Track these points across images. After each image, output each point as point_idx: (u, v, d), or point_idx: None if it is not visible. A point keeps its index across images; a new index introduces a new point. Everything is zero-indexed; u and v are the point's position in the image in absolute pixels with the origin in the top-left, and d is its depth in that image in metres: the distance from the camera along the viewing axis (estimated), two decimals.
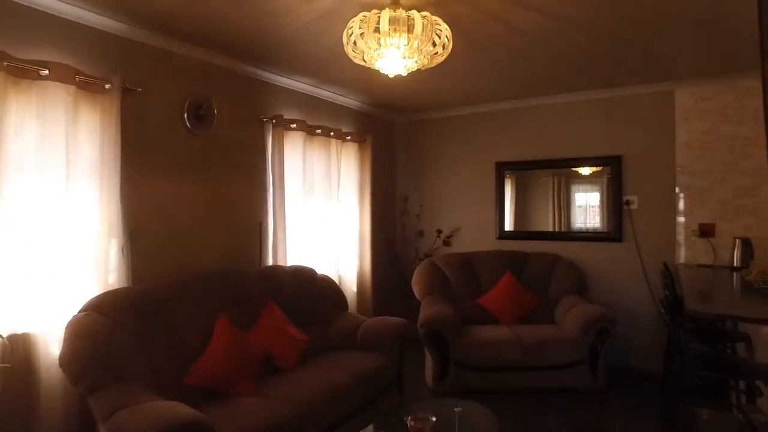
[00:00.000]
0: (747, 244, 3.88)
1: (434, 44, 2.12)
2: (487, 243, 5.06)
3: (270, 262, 3.72)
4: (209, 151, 3.37)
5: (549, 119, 4.83)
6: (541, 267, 4.63)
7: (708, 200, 4.18)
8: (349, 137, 4.56)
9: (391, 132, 5.62)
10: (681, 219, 4.29)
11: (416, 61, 2.10)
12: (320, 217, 4.20)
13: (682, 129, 4.26)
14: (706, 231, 4.18)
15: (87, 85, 2.55)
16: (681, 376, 2.41)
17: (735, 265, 3.90)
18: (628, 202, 4.50)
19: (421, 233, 5.42)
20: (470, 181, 5.24)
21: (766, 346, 2.27)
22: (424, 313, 3.96)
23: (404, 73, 2.20)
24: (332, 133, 4.31)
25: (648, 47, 3.37)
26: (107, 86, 2.62)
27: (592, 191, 4.79)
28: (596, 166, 4.66)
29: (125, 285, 2.67)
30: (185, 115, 3.15)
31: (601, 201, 4.70)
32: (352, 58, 2.24)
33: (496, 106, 5.03)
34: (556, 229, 4.90)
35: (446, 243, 5.28)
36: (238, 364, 2.68)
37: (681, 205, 4.29)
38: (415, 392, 3.82)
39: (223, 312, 2.85)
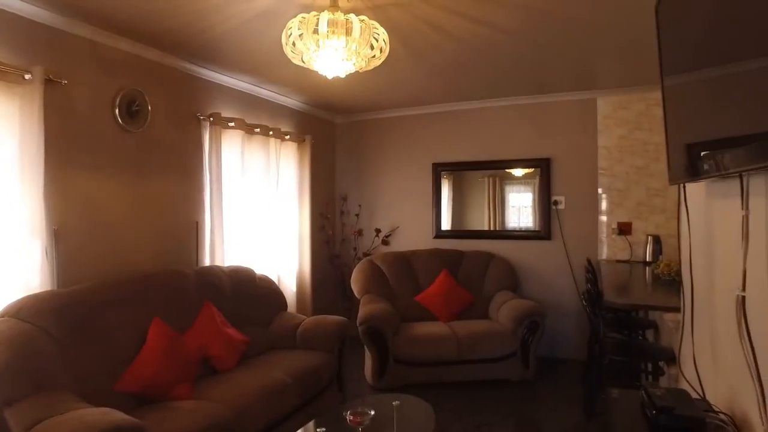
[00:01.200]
0: (657, 241, 4.25)
1: (372, 47, 2.18)
2: (425, 242, 5.19)
3: (207, 262, 3.64)
4: (143, 149, 3.25)
5: (484, 122, 5.03)
6: (475, 265, 4.81)
7: (625, 201, 4.53)
8: (289, 137, 4.54)
9: (331, 132, 5.64)
10: (603, 218, 4.62)
11: (354, 64, 2.15)
12: (259, 217, 4.15)
13: (603, 135, 4.59)
14: (624, 229, 4.52)
15: (3, 75, 2.39)
16: (600, 361, 2.61)
17: (647, 259, 4.26)
18: (556, 203, 4.78)
19: (360, 232, 5.47)
20: (408, 181, 5.36)
21: (669, 331, 2.50)
22: (363, 311, 4.02)
23: (342, 75, 2.24)
24: (271, 133, 4.27)
25: (575, 58, 3.61)
26: (27, 77, 2.47)
27: (524, 192, 5.04)
28: (528, 168, 4.91)
29: (49, 288, 2.53)
30: (116, 111, 3.02)
31: (533, 201, 4.96)
32: (291, 59, 2.26)
33: (434, 109, 5.18)
34: (491, 229, 5.11)
35: (385, 242, 5.37)
36: (173, 367, 2.62)
37: (602, 205, 4.62)
38: (355, 389, 3.87)
39: (159, 314, 2.77)
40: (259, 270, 3.91)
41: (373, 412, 2.17)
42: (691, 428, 1.38)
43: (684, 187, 1.86)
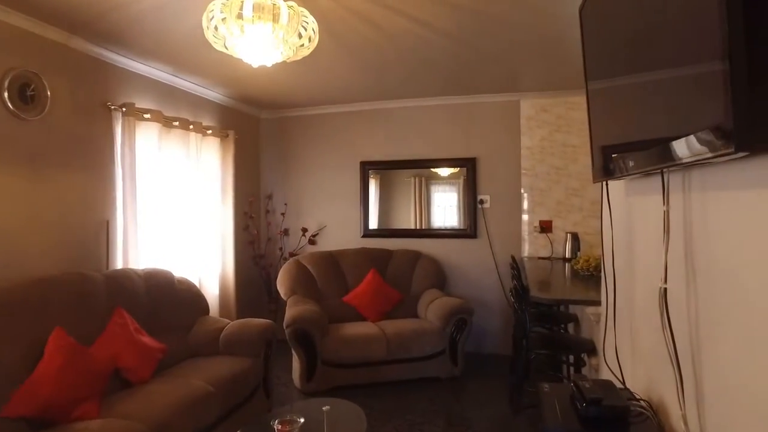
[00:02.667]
0: (575, 238, 4.47)
1: (300, 36, 2.08)
2: (353, 241, 5.13)
3: (120, 265, 3.34)
4: (42, 139, 2.90)
5: (413, 121, 5.05)
6: (403, 264, 4.82)
7: (546, 200, 4.73)
8: (211, 131, 4.29)
9: (256, 128, 5.42)
10: (525, 217, 4.79)
11: (281, 53, 2.03)
12: (179, 216, 3.89)
13: (526, 136, 4.76)
14: (545, 227, 4.72)
15: None
16: (526, 355, 2.68)
17: (567, 256, 4.47)
18: (482, 201, 4.89)
19: (286, 232, 5.31)
20: (336, 179, 5.27)
21: (590, 324, 2.62)
22: (290, 312, 3.88)
23: (269, 65, 2.12)
24: (192, 127, 4.02)
25: (501, 59, 3.69)
26: None
27: (450, 191, 5.12)
28: (455, 167, 4.99)
29: None
30: (5, 95, 2.66)
31: (459, 200, 5.04)
32: (213, 44, 2.10)
33: (363, 107, 5.13)
34: (418, 227, 5.14)
35: (312, 242, 5.24)
36: (77, 382, 2.35)
37: (525, 204, 4.79)
38: (283, 394, 3.73)
39: (61, 324, 2.48)
40: (179, 272, 3.65)
41: (302, 420, 2.08)
42: (617, 417, 1.42)
43: (606, 184, 1.93)
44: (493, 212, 4.88)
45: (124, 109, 3.36)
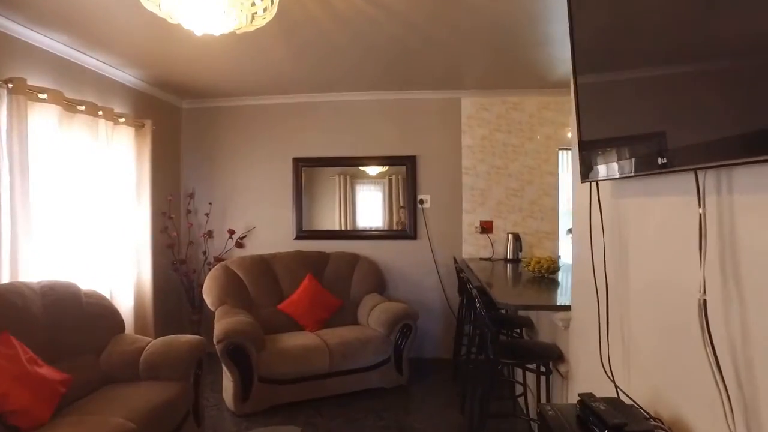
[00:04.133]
0: (517, 239, 4.44)
1: (254, 3, 1.73)
2: (285, 244, 4.75)
3: (6, 278, 2.72)
4: None
5: (352, 116, 4.77)
6: (341, 267, 4.53)
7: (487, 200, 4.66)
8: (124, 120, 3.71)
9: (176, 118, 4.85)
10: (466, 217, 4.69)
11: (235, 19, 1.67)
12: (84, 217, 3.30)
13: (467, 134, 4.67)
14: (486, 228, 4.65)
15: None
16: (492, 365, 2.52)
17: (508, 257, 4.44)
18: (422, 201, 4.73)
19: (210, 234, 4.80)
20: (266, 177, 4.85)
21: (556, 329, 2.51)
22: (221, 325, 3.45)
23: (216, 33, 1.74)
24: (101, 113, 3.43)
25: (448, 49, 3.52)
26: None
27: (389, 190, 4.90)
28: (394, 165, 4.78)
29: None
30: None
31: (401, 200, 4.84)
32: (144, 4, 1.68)
33: (299, 98, 4.76)
34: (356, 228, 4.88)
35: (240, 245, 4.79)
36: None
37: (466, 204, 4.69)
38: (215, 420, 3.31)
39: None
40: (86, 284, 3.09)
41: None
42: None
43: (597, 185, 1.80)
44: (434, 212, 4.74)
45: (10, 85, 2.74)
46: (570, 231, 6.07)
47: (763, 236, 1.03)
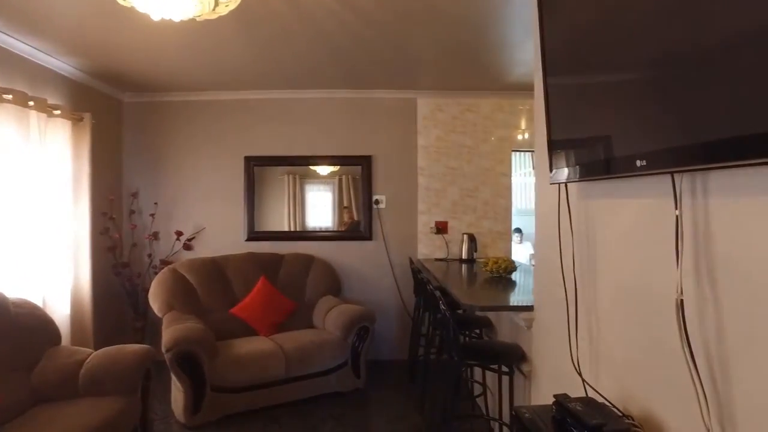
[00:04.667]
0: (472, 239, 4.50)
1: None
2: (236, 245, 4.57)
3: None
4: None
5: (307, 114, 4.66)
6: (296, 269, 4.42)
7: (442, 200, 4.69)
8: (59, 112, 3.42)
9: (118, 112, 4.55)
10: (421, 217, 4.70)
11: (198, 3, 1.55)
12: (12, 218, 3.02)
13: (423, 135, 4.68)
14: (441, 228, 4.68)
15: None
16: (457, 367, 2.51)
17: (463, 257, 4.48)
18: (377, 201, 4.69)
19: (155, 236, 4.54)
20: (216, 175, 4.65)
21: (519, 329, 2.54)
22: (170, 332, 3.26)
23: (176, 19, 1.61)
24: (32, 103, 3.15)
25: (406, 51, 3.51)
26: None
27: (339, 190, 4.81)
28: (349, 164, 4.72)
29: None
30: None
31: (352, 200, 4.77)
32: None
33: (253, 95, 4.59)
34: (306, 229, 4.77)
35: (188, 247, 4.56)
36: None
37: (421, 204, 4.70)
38: None
39: None
40: (14, 292, 2.82)
41: None
42: None
43: (566, 187, 1.82)
44: (389, 213, 4.71)
45: None
46: (516, 231, 6.21)
47: (736, 237, 1.06)
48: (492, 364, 2.52)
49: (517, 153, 4.76)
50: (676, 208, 1.22)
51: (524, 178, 7.10)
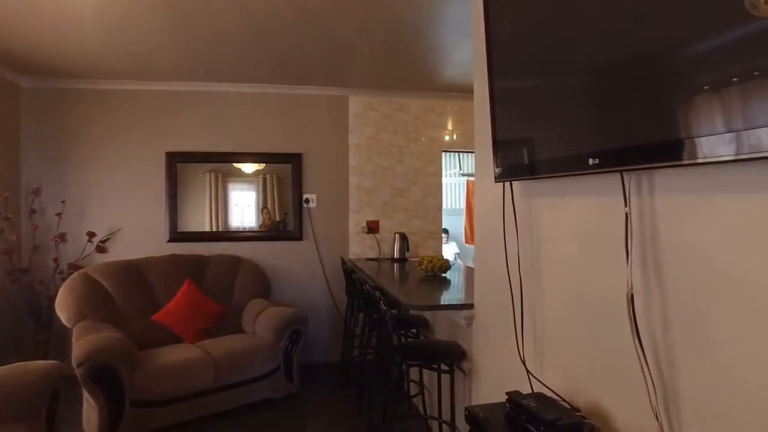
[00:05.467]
0: (404, 238, 4.53)
1: None
2: (157, 247, 4.25)
3: None
4: None
5: (234, 109, 4.45)
6: (222, 271, 4.21)
7: (373, 199, 4.68)
8: None
9: (14, 98, 4.05)
10: (353, 217, 4.66)
11: None
12: None
13: (354, 133, 4.64)
14: (372, 227, 4.66)
15: None
16: (399, 368, 2.50)
17: (395, 256, 4.50)
18: (307, 201, 4.59)
19: (63, 237, 4.11)
20: (135, 172, 4.30)
21: (458, 327, 2.58)
22: (83, 344, 2.95)
23: None
24: None
25: (340, 47, 3.44)
26: None
27: (263, 189, 4.64)
28: (278, 162, 4.57)
29: None
30: None
31: (282, 199, 4.63)
32: None
33: (175, 87, 4.30)
34: (228, 229, 4.56)
35: (101, 249, 4.18)
36: None
37: (353, 203, 4.65)
38: None
39: None
40: None
41: None
42: None
43: (511, 185, 1.86)
44: (320, 212, 4.62)
45: None
46: (443, 231, 6.35)
47: (678, 233, 1.13)
48: (432, 363, 2.53)
49: (448, 153, 4.85)
50: (626, 206, 1.27)
51: (451, 179, 7.27)
